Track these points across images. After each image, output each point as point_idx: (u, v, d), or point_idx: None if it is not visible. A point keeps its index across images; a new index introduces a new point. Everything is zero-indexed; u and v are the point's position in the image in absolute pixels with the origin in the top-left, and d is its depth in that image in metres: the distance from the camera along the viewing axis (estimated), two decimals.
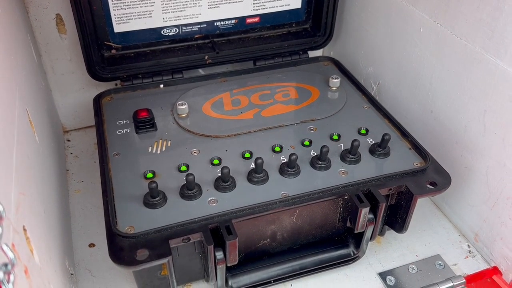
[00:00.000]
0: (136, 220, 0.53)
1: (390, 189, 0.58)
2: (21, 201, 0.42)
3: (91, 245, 0.67)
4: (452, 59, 0.63)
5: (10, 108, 0.47)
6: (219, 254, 0.52)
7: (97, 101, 0.72)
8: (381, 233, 0.66)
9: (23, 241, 0.40)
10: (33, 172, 0.50)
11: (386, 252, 0.66)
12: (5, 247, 0.30)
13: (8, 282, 0.30)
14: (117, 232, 0.51)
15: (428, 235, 0.69)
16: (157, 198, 0.55)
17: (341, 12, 0.87)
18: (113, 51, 0.76)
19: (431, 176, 0.59)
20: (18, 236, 0.38)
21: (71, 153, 0.83)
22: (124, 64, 0.76)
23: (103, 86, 0.80)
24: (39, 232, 0.46)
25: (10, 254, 0.30)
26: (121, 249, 0.50)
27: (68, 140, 0.86)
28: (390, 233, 0.67)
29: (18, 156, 0.45)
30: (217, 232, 0.52)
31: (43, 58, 0.79)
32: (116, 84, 0.82)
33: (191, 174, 0.55)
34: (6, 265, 0.30)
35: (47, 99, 0.76)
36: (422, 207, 0.73)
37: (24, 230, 0.40)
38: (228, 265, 0.53)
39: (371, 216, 0.57)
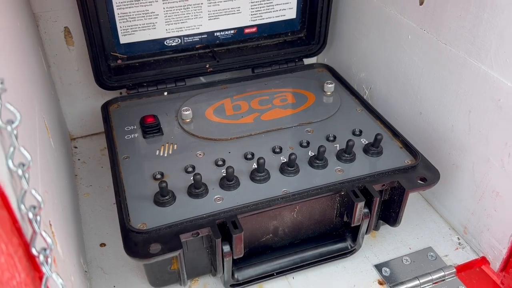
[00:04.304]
0: (148, 217, 0.57)
1: (383, 185, 0.62)
2: (46, 199, 0.45)
3: (102, 244, 0.70)
4: (438, 64, 0.68)
5: (32, 113, 0.51)
6: (226, 248, 0.56)
7: (105, 108, 0.76)
8: (376, 228, 0.70)
9: (50, 235, 0.43)
10: (51, 173, 0.54)
11: (381, 245, 0.70)
12: (44, 234, 0.34)
13: (47, 264, 0.33)
14: (130, 229, 0.55)
15: (420, 229, 0.73)
16: (167, 197, 0.58)
17: (334, 22, 0.92)
18: (119, 61, 0.80)
19: (421, 172, 0.63)
20: (46, 229, 0.42)
21: (79, 159, 0.86)
22: (129, 73, 0.80)
23: (108, 95, 0.84)
24: (60, 228, 0.50)
25: (49, 240, 0.34)
26: (135, 244, 0.53)
27: (75, 147, 0.89)
28: (385, 228, 0.71)
29: (41, 157, 0.49)
30: (223, 227, 0.56)
31: (52, 69, 0.83)
32: (121, 93, 0.86)
33: (198, 174, 0.59)
34: (45, 249, 0.34)
35: (56, 108, 0.80)
36: (414, 203, 0.77)
37: (50, 224, 0.44)
38: (235, 257, 0.57)
39: (366, 210, 0.61)
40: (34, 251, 0.33)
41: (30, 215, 0.33)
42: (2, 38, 0.45)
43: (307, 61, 0.91)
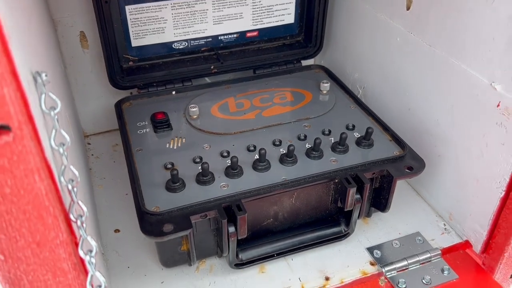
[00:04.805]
0: (161, 201, 0.63)
1: (374, 173, 0.68)
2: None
3: (116, 230, 0.76)
4: (424, 63, 0.74)
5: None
6: (231, 229, 0.62)
7: (119, 106, 0.82)
8: (368, 214, 0.76)
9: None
10: (73, 161, 0.60)
11: (373, 231, 0.76)
12: (80, 203, 0.40)
13: (83, 228, 0.40)
14: (146, 211, 0.61)
15: (409, 217, 0.79)
16: (178, 184, 0.65)
17: (330, 26, 0.98)
18: (131, 63, 0.87)
19: (408, 162, 0.70)
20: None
21: (92, 155, 0.93)
22: (140, 74, 0.86)
23: (120, 95, 0.90)
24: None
25: (84, 208, 0.40)
26: (150, 224, 0.59)
27: (89, 143, 0.96)
28: (377, 215, 0.77)
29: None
30: (229, 210, 0.62)
31: (68, 70, 0.89)
32: (131, 93, 0.92)
33: (206, 163, 0.65)
34: (81, 216, 0.40)
35: (72, 106, 0.86)
36: (404, 193, 0.83)
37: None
38: (239, 238, 0.63)
39: (358, 196, 0.67)
40: (72, 217, 0.39)
41: (69, 187, 0.39)
42: (37, 41, 0.52)
43: (304, 62, 0.97)
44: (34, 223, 0.35)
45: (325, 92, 0.86)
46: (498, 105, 0.62)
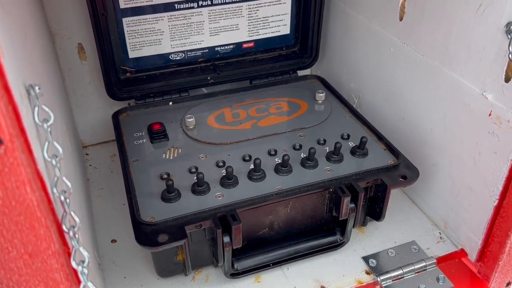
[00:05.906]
0: (156, 212, 0.63)
1: (368, 182, 0.69)
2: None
3: (113, 241, 0.76)
4: (417, 73, 0.75)
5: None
6: (226, 238, 0.62)
7: (116, 117, 0.83)
8: (364, 223, 0.76)
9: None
10: (70, 172, 0.61)
11: (368, 240, 0.76)
12: (73, 213, 0.40)
13: (75, 238, 0.40)
14: (141, 221, 0.61)
15: (405, 225, 0.79)
16: (173, 194, 0.65)
17: (325, 36, 0.99)
18: (128, 74, 0.88)
19: (402, 171, 0.70)
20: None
21: (90, 165, 0.93)
22: (138, 85, 0.87)
23: (117, 105, 0.91)
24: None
25: (77, 219, 0.41)
26: (146, 234, 0.60)
27: (87, 154, 0.96)
28: (372, 224, 0.78)
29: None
30: (224, 220, 0.63)
31: (66, 81, 0.90)
32: (129, 104, 0.93)
33: (201, 173, 0.65)
34: (73, 226, 0.40)
35: (70, 117, 0.87)
36: (399, 202, 0.83)
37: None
38: (234, 247, 0.63)
39: (352, 205, 0.67)
40: (64, 228, 0.40)
41: (62, 198, 0.40)
42: (34, 54, 0.53)
43: (300, 73, 0.98)
44: (26, 234, 0.36)
45: (320, 102, 0.87)
46: (489, 114, 0.62)
